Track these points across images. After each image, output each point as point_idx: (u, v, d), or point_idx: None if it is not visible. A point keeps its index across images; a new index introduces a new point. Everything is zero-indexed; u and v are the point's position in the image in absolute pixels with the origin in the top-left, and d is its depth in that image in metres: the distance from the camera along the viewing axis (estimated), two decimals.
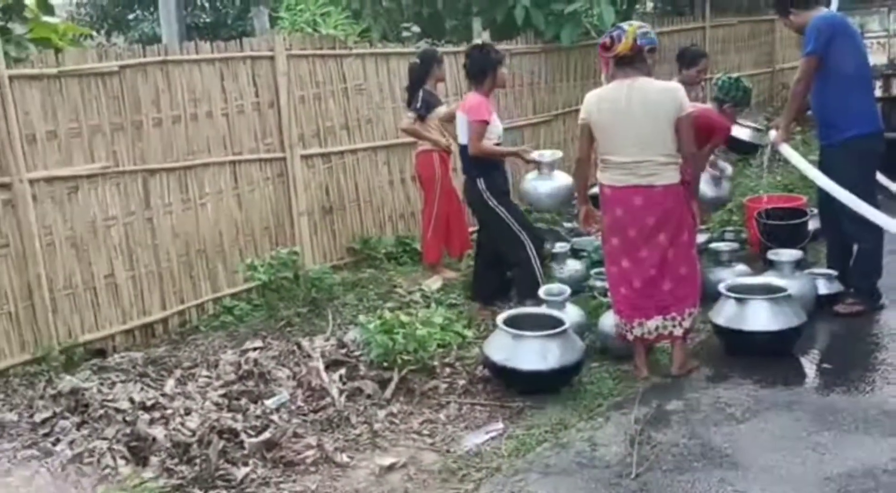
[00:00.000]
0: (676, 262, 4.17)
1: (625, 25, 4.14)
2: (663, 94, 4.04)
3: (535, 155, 5.47)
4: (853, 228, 4.89)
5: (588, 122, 4.19)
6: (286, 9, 7.27)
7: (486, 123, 5.13)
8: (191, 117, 5.61)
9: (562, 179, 5.34)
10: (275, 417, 3.88)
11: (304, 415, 4.00)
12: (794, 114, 5.21)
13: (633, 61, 4.07)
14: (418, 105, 5.90)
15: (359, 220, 6.81)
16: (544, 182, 5.34)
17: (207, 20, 15.01)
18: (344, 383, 4.24)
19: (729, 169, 5.96)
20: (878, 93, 5.82)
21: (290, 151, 6.19)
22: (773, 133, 5.23)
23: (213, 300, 5.80)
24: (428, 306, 5.25)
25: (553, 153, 5.49)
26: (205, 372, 4.50)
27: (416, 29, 7.45)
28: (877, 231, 4.86)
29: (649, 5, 10.52)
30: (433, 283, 5.98)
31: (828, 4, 5.47)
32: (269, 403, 4.02)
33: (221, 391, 4.18)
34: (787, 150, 5.14)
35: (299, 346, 4.70)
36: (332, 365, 4.40)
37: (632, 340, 4.31)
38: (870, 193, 4.86)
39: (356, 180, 6.75)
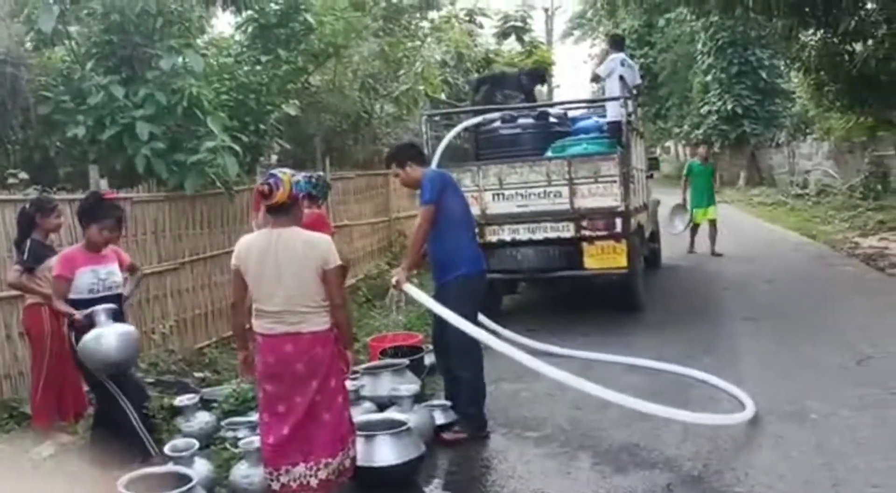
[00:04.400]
0: (321, 408, 4.15)
1: (278, 173, 4.12)
2: (308, 246, 4.09)
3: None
4: (458, 359, 5.43)
5: (239, 267, 4.18)
6: None
7: (64, 279, 4.88)
8: None
9: (125, 326, 4.91)
10: None
11: None
12: (415, 256, 5.61)
13: (288, 210, 4.12)
14: (25, 257, 5.47)
15: None
16: (109, 330, 4.75)
17: None
18: None
19: None
20: None
21: None
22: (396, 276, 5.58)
23: None
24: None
25: (105, 307, 4.86)
26: None
27: (23, 175, 6.96)
28: (478, 362, 5.46)
29: (273, 158, 10.97)
30: (45, 449, 5.36)
31: (429, 162, 6.16)
32: None
33: None
34: (409, 288, 5.51)
35: None
36: None
37: (277, 489, 4.15)
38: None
39: None
